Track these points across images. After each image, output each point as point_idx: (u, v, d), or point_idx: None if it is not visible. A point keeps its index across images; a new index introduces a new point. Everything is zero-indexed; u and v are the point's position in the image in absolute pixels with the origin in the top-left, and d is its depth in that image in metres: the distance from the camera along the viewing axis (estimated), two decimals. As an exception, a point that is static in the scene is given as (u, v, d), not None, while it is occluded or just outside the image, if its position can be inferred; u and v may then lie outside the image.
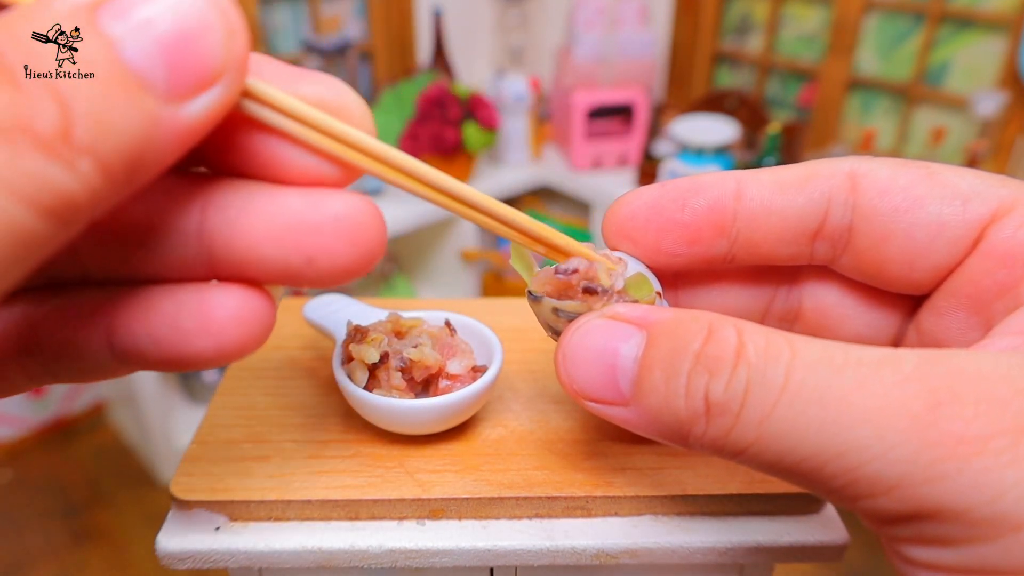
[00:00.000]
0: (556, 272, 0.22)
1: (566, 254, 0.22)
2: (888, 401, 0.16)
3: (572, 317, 0.21)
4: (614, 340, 0.19)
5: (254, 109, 0.16)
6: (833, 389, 0.16)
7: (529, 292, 0.23)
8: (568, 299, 0.22)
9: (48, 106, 0.12)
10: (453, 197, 0.19)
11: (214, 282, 0.18)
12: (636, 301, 0.22)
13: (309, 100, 0.17)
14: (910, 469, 0.15)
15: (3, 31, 0.13)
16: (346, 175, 0.18)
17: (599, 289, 0.22)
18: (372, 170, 0.18)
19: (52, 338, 0.18)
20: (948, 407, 0.15)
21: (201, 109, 0.14)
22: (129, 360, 0.18)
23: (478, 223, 0.20)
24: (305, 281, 0.17)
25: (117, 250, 0.17)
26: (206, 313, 0.17)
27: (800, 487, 0.18)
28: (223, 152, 0.17)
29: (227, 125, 0.17)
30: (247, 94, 0.16)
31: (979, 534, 0.15)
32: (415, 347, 0.27)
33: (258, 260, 0.17)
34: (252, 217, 0.17)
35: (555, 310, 0.22)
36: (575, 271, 0.22)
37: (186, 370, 0.18)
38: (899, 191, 0.21)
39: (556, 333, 0.23)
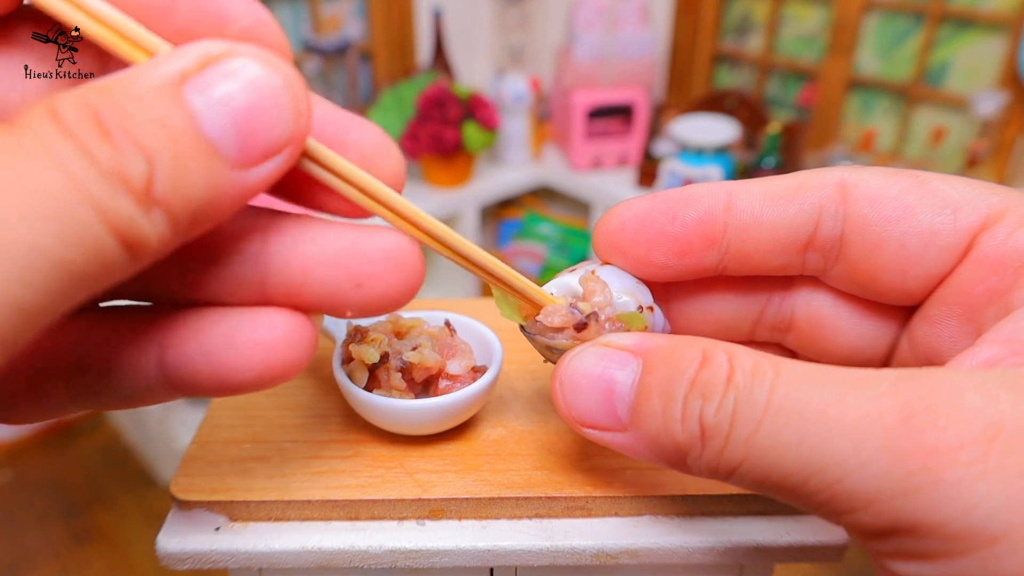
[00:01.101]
0: (570, 307, 0.22)
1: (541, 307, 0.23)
2: (864, 413, 0.16)
3: (563, 351, 0.22)
4: (610, 367, 0.20)
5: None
6: (813, 404, 0.16)
7: (522, 327, 0.23)
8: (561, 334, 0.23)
9: (139, 161, 0.14)
10: (460, 255, 0.21)
11: (256, 307, 0.19)
12: (628, 330, 0.22)
13: (352, 146, 0.19)
14: (885, 483, 0.15)
15: (102, 96, 0.14)
16: (360, 216, 0.19)
17: (589, 321, 0.22)
18: (389, 220, 0.19)
19: (103, 356, 0.18)
20: (921, 417, 0.15)
21: (263, 174, 0.16)
22: (178, 381, 0.18)
23: (478, 277, 0.21)
24: (350, 305, 0.18)
25: (181, 268, 0.18)
26: (259, 332, 0.18)
27: (792, 504, 0.18)
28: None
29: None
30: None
31: (954, 548, 0.15)
32: (415, 349, 0.27)
33: (309, 283, 0.18)
34: (308, 242, 0.18)
35: (548, 347, 0.23)
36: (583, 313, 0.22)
37: (233, 393, 0.19)
38: (890, 200, 0.21)
39: (553, 362, 0.23)
